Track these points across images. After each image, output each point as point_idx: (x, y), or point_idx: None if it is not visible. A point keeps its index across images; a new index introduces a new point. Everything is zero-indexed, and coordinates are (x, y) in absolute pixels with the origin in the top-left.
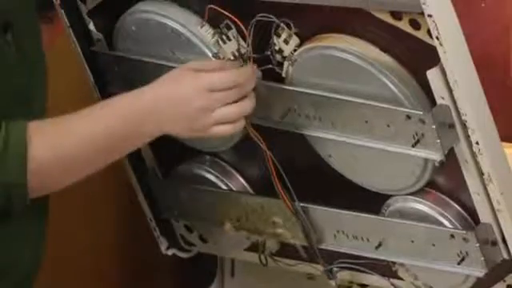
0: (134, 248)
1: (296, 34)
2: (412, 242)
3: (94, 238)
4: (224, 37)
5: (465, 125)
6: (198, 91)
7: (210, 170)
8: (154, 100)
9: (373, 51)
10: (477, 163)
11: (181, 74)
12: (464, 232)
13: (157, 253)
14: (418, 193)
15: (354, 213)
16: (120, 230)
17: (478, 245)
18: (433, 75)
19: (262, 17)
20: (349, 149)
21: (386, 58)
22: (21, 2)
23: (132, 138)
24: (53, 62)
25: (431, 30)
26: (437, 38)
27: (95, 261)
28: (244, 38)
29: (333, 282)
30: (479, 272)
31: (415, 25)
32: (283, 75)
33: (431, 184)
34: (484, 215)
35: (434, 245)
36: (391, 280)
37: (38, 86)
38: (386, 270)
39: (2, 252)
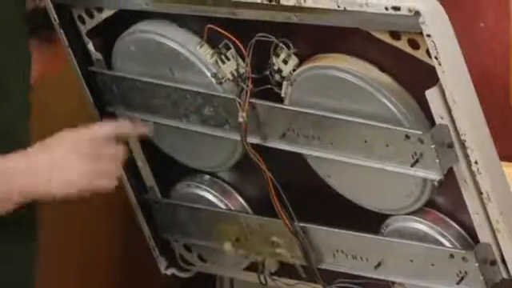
0: (133, 268)
1: (295, 53)
2: (411, 261)
3: (92, 256)
4: (223, 56)
5: (464, 144)
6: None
7: (210, 189)
8: (34, 166)
9: (372, 71)
10: (476, 183)
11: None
12: (463, 252)
13: (156, 273)
14: (417, 212)
15: (354, 232)
16: (119, 249)
17: (477, 264)
18: (432, 95)
19: (260, 37)
20: (348, 168)
21: (384, 77)
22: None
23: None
24: (54, 79)
25: (430, 49)
26: (436, 58)
27: (93, 279)
28: (243, 58)
29: None
30: None
31: (414, 45)
32: (282, 95)
33: (430, 203)
34: (483, 235)
35: (433, 264)
36: None
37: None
38: None
39: None
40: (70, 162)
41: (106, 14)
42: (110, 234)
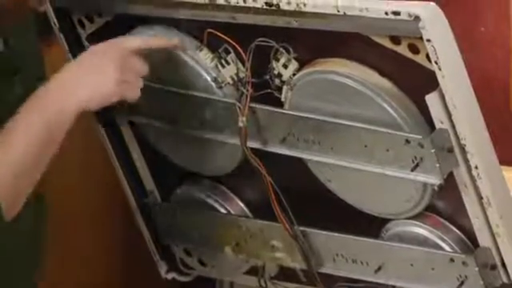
0: (133, 271)
1: (295, 58)
2: (411, 265)
3: (93, 259)
4: (223, 61)
5: (464, 149)
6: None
7: (210, 193)
8: (61, 80)
9: (372, 76)
10: (476, 187)
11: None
12: (463, 256)
13: (156, 276)
14: (417, 217)
15: (354, 236)
16: (119, 253)
17: (477, 269)
18: (432, 100)
19: (260, 41)
20: (348, 173)
21: (385, 82)
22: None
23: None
24: None
25: (430, 54)
26: (436, 63)
27: (93, 283)
28: (243, 63)
29: None
30: None
31: (414, 49)
32: (282, 99)
33: (430, 208)
34: (483, 239)
35: (433, 269)
36: None
37: None
38: None
39: None
40: (102, 66)
41: (106, 18)
42: (110, 237)
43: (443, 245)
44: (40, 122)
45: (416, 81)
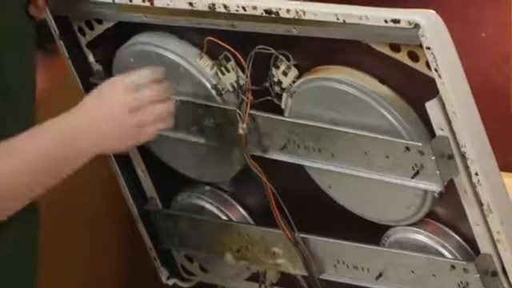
0: (134, 278)
1: (295, 65)
2: (412, 272)
3: (94, 267)
4: (223, 68)
5: (464, 156)
6: (121, 95)
7: (210, 200)
8: (83, 120)
9: (371, 83)
10: (476, 194)
11: (102, 88)
12: (464, 263)
13: (157, 283)
14: (417, 223)
15: (354, 243)
16: (121, 259)
17: (478, 275)
18: (432, 107)
19: (260, 49)
20: (348, 180)
21: (384, 89)
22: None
23: (67, 159)
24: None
25: (430, 62)
26: (435, 70)
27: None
28: (243, 70)
29: None
30: None
31: (414, 57)
32: (282, 107)
33: (431, 215)
34: (484, 245)
35: (434, 275)
36: None
37: None
38: None
39: None
40: (120, 117)
41: (106, 25)
42: (110, 243)
43: (444, 251)
44: (54, 149)
45: (416, 88)
